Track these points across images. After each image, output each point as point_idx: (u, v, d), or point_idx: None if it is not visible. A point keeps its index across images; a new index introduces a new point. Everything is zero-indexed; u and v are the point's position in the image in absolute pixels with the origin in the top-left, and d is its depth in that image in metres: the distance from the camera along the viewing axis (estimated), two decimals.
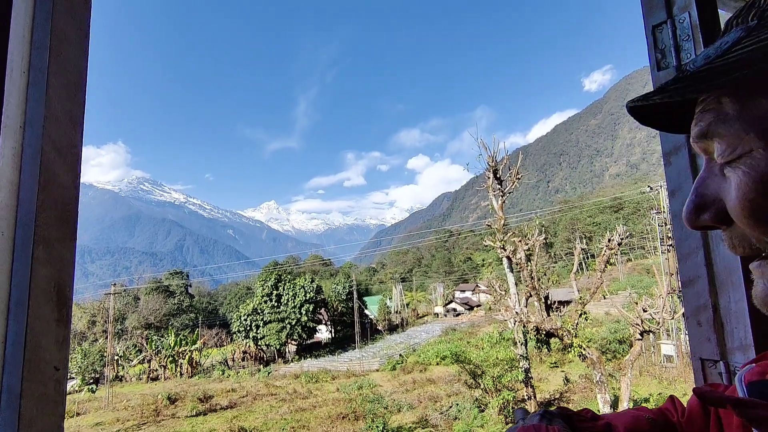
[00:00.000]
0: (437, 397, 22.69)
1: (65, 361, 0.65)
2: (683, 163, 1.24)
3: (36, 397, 0.61)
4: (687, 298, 1.21)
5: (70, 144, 0.67)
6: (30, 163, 0.62)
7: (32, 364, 0.61)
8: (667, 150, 1.28)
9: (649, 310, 15.23)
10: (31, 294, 0.60)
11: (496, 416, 17.33)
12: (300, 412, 22.37)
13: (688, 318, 1.21)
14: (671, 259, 28.01)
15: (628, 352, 24.72)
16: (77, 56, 0.68)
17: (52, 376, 0.63)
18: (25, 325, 0.60)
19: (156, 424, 22.60)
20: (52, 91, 0.64)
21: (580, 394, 19.97)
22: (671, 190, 1.27)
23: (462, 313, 64.68)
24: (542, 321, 15.60)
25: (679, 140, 1.24)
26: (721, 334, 1.13)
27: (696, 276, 1.19)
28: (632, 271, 59.06)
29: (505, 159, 19.36)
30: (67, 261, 0.66)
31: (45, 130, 0.63)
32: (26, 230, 0.61)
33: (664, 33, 1.29)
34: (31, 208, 0.61)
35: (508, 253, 18.15)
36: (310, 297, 46.73)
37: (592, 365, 14.80)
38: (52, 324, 0.63)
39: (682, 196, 1.23)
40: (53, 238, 0.63)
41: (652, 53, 1.32)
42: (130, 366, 45.02)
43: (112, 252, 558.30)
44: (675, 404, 0.78)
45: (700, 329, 1.17)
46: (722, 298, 1.14)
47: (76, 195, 0.67)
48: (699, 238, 1.18)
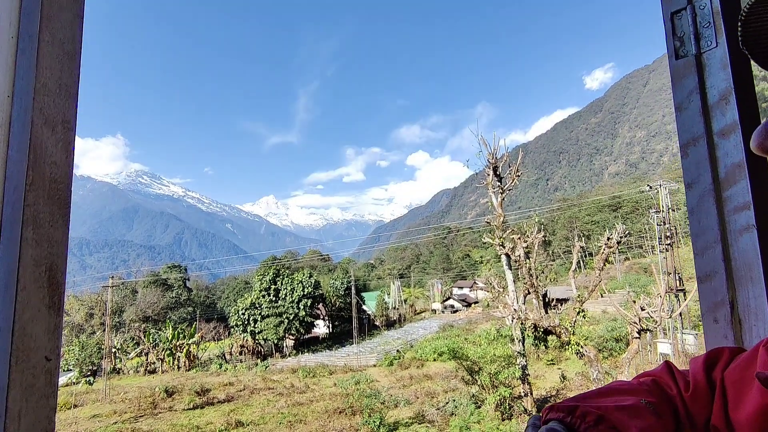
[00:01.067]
0: (434, 393, 22.74)
1: (57, 350, 0.60)
2: (702, 154, 1.19)
3: (24, 389, 0.56)
4: (703, 293, 1.17)
5: (62, 118, 0.62)
6: (18, 136, 0.58)
7: (21, 354, 0.56)
8: (685, 141, 1.23)
9: (647, 309, 15.25)
10: (20, 277, 0.56)
11: (493, 412, 17.37)
12: (297, 407, 22.41)
13: (704, 314, 1.17)
14: (669, 258, 28.06)
15: (624, 350, 24.83)
16: (71, 23, 0.63)
17: (43, 366, 0.59)
18: (13, 311, 0.55)
19: (153, 416, 22.62)
20: (43, 59, 0.59)
21: (576, 391, 20.03)
22: (688, 182, 1.23)
23: (459, 309, 64.81)
24: (540, 318, 15.62)
25: (698, 131, 1.20)
26: (739, 331, 1.09)
27: (713, 271, 1.15)
28: (630, 270, 59.19)
29: (505, 156, 19.31)
30: (59, 243, 0.61)
31: (35, 101, 0.58)
32: (14, 209, 0.56)
33: (684, 19, 1.24)
34: (20, 185, 0.57)
35: (506, 250, 18.13)
36: (308, 292, 46.76)
37: (589, 363, 14.84)
38: (43, 310, 0.58)
39: (700, 189, 1.19)
40: (44, 218, 0.59)
41: (670, 41, 1.27)
42: (127, 359, 45.05)
43: (110, 245, 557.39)
44: (673, 374, 0.73)
45: (717, 326, 1.13)
46: (740, 294, 1.10)
47: (70, 173, 0.62)
48: (717, 231, 1.14)
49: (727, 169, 1.13)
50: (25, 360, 0.57)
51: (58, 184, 0.61)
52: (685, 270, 37.04)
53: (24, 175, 0.57)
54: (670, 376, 0.72)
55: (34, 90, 0.59)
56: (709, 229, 1.16)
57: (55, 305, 0.60)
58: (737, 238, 1.12)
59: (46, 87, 0.60)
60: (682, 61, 1.24)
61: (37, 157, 0.59)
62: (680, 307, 22.60)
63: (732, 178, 1.12)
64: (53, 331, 0.60)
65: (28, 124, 0.58)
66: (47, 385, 0.59)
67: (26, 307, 0.57)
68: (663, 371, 0.75)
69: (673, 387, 0.70)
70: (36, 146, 0.58)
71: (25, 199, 0.56)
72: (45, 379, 0.59)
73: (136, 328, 52.83)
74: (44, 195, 0.59)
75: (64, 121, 0.63)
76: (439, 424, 17.81)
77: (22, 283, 0.56)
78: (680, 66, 1.24)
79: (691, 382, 0.70)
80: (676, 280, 27.32)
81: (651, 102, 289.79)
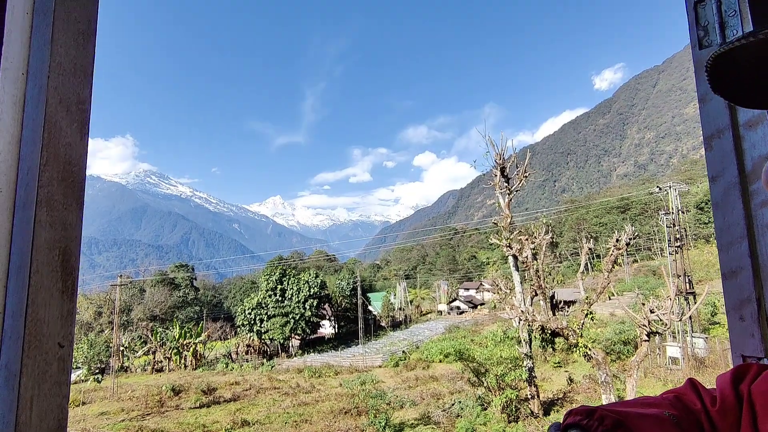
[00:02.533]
0: (440, 395, 22.66)
1: (70, 337, 0.59)
2: (727, 147, 1.16)
3: (37, 376, 0.55)
4: (728, 291, 1.13)
5: (77, 98, 0.61)
6: (32, 115, 0.56)
7: (33, 339, 0.55)
8: (709, 133, 1.20)
9: (656, 312, 15.05)
10: (33, 261, 0.54)
11: (499, 414, 17.26)
12: (303, 407, 22.43)
13: (729, 312, 1.14)
14: (679, 260, 27.72)
15: (632, 353, 24.56)
16: (87, 1, 0.62)
17: (56, 353, 0.57)
18: (26, 294, 0.54)
19: (160, 414, 22.77)
20: (58, 37, 0.58)
21: (583, 395, 19.84)
22: (712, 176, 1.19)
23: (466, 311, 64.55)
24: (548, 320, 15.49)
25: (723, 122, 1.16)
26: (766, 329, 1.06)
27: (739, 267, 1.11)
28: (638, 273, 58.58)
29: (512, 157, 19.21)
30: (73, 226, 0.59)
31: (50, 80, 0.57)
32: (28, 189, 0.55)
33: (708, 8, 1.21)
34: (34, 166, 0.55)
35: (514, 251, 18.02)
36: (315, 292, 46.81)
37: (597, 365, 14.68)
38: (56, 295, 0.57)
39: (725, 183, 1.16)
40: (58, 200, 0.57)
41: (693, 31, 1.24)
42: (135, 357, 45.42)
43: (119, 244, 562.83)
44: (698, 390, 0.72)
45: (743, 324, 1.10)
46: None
47: (84, 154, 0.61)
48: (743, 226, 1.10)
49: (753, 162, 1.10)
50: (38, 346, 0.56)
51: (72, 165, 0.60)
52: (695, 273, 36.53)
53: (38, 155, 0.55)
54: (694, 392, 0.72)
55: (49, 68, 0.57)
56: (735, 224, 1.12)
57: (69, 290, 0.59)
58: (764, 233, 1.08)
59: (61, 66, 0.59)
60: (706, 51, 1.20)
61: (51, 137, 0.57)
62: (690, 311, 22.31)
63: (759, 171, 1.09)
64: (66, 317, 0.58)
65: (42, 103, 0.56)
66: (60, 372, 0.57)
67: (39, 291, 0.56)
68: (687, 388, 0.74)
69: (697, 402, 0.69)
70: (50, 126, 0.57)
71: (39, 180, 0.55)
72: (58, 366, 0.58)
73: (143, 327, 53.22)
74: (58, 176, 0.58)
75: (79, 101, 0.61)
76: (444, 425, 17.72)
77: (35, 267, 0.55)
78: (704, 56, 1.21)
79: (718, 396, 0.69)
80: (685, 282, 26.98)
81: (660, 103, 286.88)
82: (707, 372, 21.44)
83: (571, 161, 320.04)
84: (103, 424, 21.08)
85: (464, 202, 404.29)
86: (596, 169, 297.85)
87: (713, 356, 23.33)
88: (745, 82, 0.53)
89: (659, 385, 20.53)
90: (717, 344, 24.12)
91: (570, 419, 0.63)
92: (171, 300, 64.46)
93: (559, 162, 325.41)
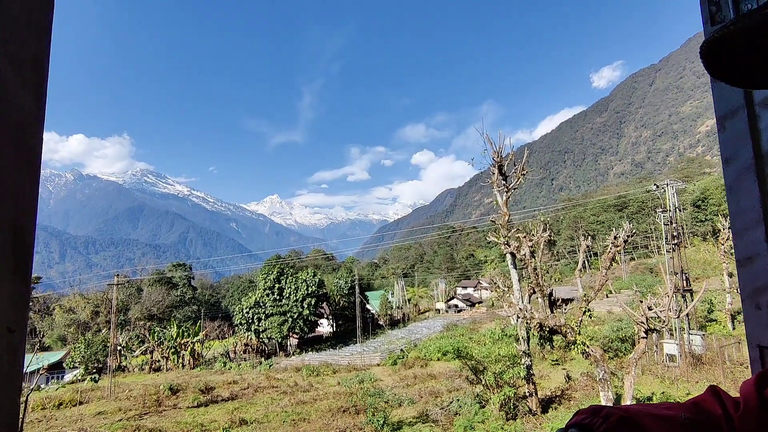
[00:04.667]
0: (438, 393, 22.63)
1: (23, 322, 0.52)
2: (741, 128, 1.10)
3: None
4: (744, 278, 1.07)
5: (31, 57, 0.54)
6: None
7: None
8: (722, 113, 1.14)
9: (654, 309, 15.05)
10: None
11: (497, 412, 17.24)
12: (301, 405, 22.37)
13: (744, 300, 1.08)
14: (676, 258, 27.77)
15: (630, 350, 24.60)
16: None
17: (4, 338, 0.50)
18: None
19: (158, 414, 22.66)
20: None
21: (581, 392, 19.84)
22: (726, 157, 1.13)
23: (464, 309, 64.58)
24: (546, 317, 15.47)
25: (737, 102, 1.10)
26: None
27: (755, 253, 1.06)
28: (635, 270, 58.73)
29: (510, 155, 19.18)
30: (27, 198, 0.53)
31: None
32: None
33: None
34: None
35: (512, 249, 17.99)
36: (312, 291, 46.72)
37: (595, 363, 14.67)
38: (6, 274, 0.50)
39: (739, 165, 1.10)
40: (7, 170, 0.51)
41: (705, 6, 1.18)
42: (132, 356, 45.25)
43: (116, 243, 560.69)
44: (719, 396, 0.69)
45: (760, 313, 1.04)
46: None
47: (40, 118, 0.54)
48: (758, 210, 1.05)
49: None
50: None
51: (24, 131, 0.53)
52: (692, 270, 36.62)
53: None
54: (715, 399, 0.69)
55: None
56: (750, 209, 1.07)
57: (21, 270, 0.52)
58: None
59: (11, 20, 0.52)
60: (719, 27, 1.14)
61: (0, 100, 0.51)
62: (687, 308, 22.34)
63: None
64: (18, 300, 0.52)
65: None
66: (10, 362, 0.51)
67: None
68: (708, 394, 0.71)
69: (718, 408, 0.67)
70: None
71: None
72: (8, 354, 0.51)
73: (141, 326, 53.04)
74: (8, 142, 0.51)
75: (33, 60, 0.54)
76: (443, 423, 17.69)
77: None
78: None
79: (741, 402, 0.66)
80: (682, 280, 27.04)
81: (657, 101, 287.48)
82: (704, 369, 21.48)
83: (569, 159, 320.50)
84: (100, 423, 20.96)
85: (462, 201, 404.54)
86: (593, 168, 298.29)
87: (710, 353, 23.38)
88: (749, 63, 0.47)
89: (657, 382, 20.56)
90: (714, 341, 24.18)
91: (575, 419, 0.62)
92: (168, 299, 64.27)
93: (556, 160, 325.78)
